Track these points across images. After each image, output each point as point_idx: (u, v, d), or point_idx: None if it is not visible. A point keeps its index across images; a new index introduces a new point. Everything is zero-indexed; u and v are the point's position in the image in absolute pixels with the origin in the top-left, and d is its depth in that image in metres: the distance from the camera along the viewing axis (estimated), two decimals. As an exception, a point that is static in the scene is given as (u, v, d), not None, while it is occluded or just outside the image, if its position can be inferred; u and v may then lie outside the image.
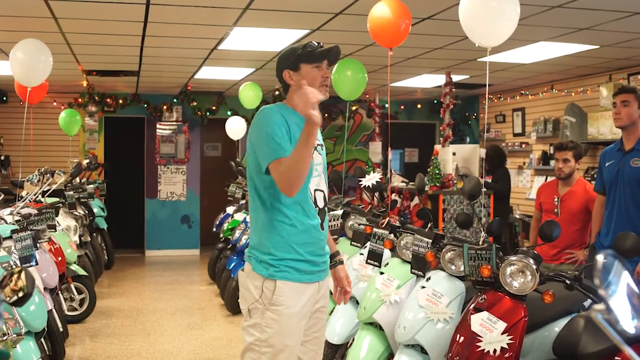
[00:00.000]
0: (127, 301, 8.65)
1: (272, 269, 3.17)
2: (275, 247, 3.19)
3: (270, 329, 3.16)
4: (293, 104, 3.22)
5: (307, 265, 3.24)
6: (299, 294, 3.21)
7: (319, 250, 3.30)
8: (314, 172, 3.26)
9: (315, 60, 3.21)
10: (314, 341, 3.41)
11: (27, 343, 4.15)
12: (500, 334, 3.32)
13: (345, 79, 6.57)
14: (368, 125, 13.29)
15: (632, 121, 4.76)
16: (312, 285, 3.28)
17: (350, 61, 6.77)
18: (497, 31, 4.24)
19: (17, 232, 4.81)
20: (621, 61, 8.40)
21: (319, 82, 3.21)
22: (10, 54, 6.05)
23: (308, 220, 3.23)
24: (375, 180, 5.22)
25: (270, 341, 3.17)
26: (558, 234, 3.77)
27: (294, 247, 3.20)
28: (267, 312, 3.16)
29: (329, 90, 3.30)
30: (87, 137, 12.30)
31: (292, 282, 3.18)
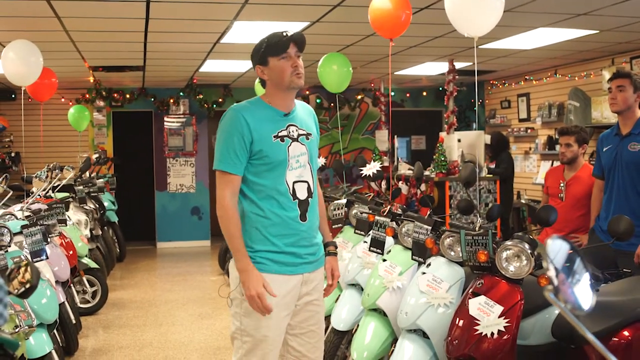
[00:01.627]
0: (139, 293, 8.79)
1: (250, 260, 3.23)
2: (252, 240, 3.24)
3: (248, 319, 3.24)
4: (269, 99, 3.29)
5: (287, 257, 3.26)
6: (279, 284, 3.22)
7: (301, 242, 3.30)
8: (295, 164, 3.26)
9: (280, 52, 3.18)
10: (310, 334, 3.43)
11: (39, 335, 4.27)
12: (497, 317, 3.41)
13: (330, 72, 6.73)
14: (374, 114, 13.35)
15: (628, 106, 4.80)
16: (294, 277, 3.29)
17: (335, 55, 6.95)
18: (482, 21, 4.31)
19: (27, 228, 4.92)
20: (623, 45, 8.42)
21: (290, 72, 3.19)
22: (2, 54, 6.16)
23: (284, 213, 3.24)
24: (376, 169, 5.29)
25: (248, 331, 3.24)
26: (554, 219, 3.84)
27: (270, 239, 3.23)
28: (244, 302, 3.21)
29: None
30: (96, 132, 12.43)
31: (268, 274, 3.21)
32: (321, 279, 3.49)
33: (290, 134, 3.27)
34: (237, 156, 3.17)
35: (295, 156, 3.26)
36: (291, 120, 3.31)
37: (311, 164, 3.35)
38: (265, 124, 3.22)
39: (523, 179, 11.37)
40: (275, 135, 3.22)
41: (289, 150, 3.24)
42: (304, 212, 3.30)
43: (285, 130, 3.26)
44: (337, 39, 7.85)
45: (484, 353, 3.37)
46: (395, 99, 13.56)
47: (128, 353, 6.18)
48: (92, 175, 10.26)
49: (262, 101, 3.31)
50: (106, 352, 6.20)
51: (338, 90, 6.85)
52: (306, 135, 3.35)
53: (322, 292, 3.50)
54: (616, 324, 3.35)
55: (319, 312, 3.47)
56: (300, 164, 3.29)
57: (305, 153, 3.32)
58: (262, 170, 3.22)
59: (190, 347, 6.35)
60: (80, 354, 6.11)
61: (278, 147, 3.22)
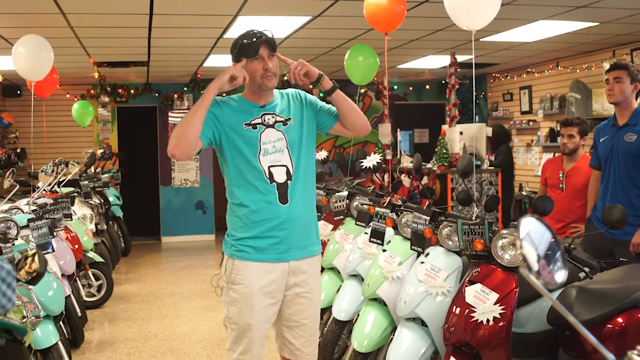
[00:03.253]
0: (144, 286, 8.88)
1: (232, 248, 3.35)
2: (234, 228, 3.36)
3: (233, 306, 3.32)
4: (247, 94, 3.42)
5: (268, 242, 3.29)
6: (260, 273, 3.28)
7: (284, 225, 3.30)
8: (271, 149, 3.31)
9: (252, 54, 3.25)
10: (303, 327, 3.45)
11: (46, 326, 4.35)
12: (492, 304, 3.47)
13: (357, 64, 6.70)
14: (377, 107, 13.41)
15: (625, 97, 4.86)
16: (279, 265, 3.32)
17: (362, 47, 6.90)
18: (480, 14, 4.36)
19: (33, 221, 5.00)
20: (623, 37, 8.46)
21: (260, 73, 3.27)
22: (13, 50, 6.23)
23: (262, 197, 3.28)
24: (376, 161, 5.36)
25: (234, 319, 3.33)
26: (550, 209, 3.91)
27: (250, 226, 3.29)
28: (229, 290, 3.33)
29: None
30: (101, 128, 12.51)
31: (249, 262, 3.28)
32: (316, 272, 3.50)
33: (264, 121, 3.34)
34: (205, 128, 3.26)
35: (270, 142, 3.32)
36: (267, 110, 3.38)
37: (290, 148, 3.37)
38: (239, 114, 3.33)
39: (525, 171, 11.42)
40: (247, 123, 3.32)
41: (261, 136, 3.31)
42: (284, 195, 3.31)
43: (259, 119, 3.35)
44: (340, 33, 7.91)
45: (480, 339, 3.44)
46: (399, 92, 13.61)
47: (133, 345, 6.26)
48: (97, 170, 10.36)
49: (242, 97, 3.43)
50: (112, 344, 6.29)
51: (363, 83, 6.80)
52: (283, 121, 3.39)
53: (318, 287, 3.53)
54: (610, 311, 3.41)
55: (311, 305, 3.46)
56: (277, 148, 3.33)
57: (282, 139, 3.35)
58: (235, 156, 3.31)
59: (194, 338, 6.43)
60: (86, 346, 6.20)
61: (248, 133, 3.30)
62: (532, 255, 1.45)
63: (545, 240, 1.51)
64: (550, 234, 1.53)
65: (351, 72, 6.77)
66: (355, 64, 6.74)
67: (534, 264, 1.44)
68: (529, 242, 1.48)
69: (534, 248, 1.47)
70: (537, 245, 1.48)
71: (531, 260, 1.44)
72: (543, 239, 1.51)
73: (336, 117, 3.54)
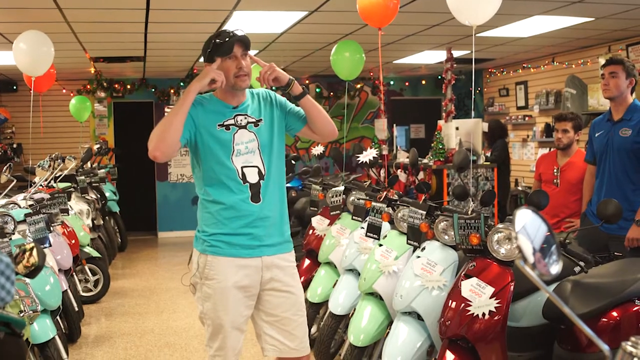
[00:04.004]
0: (140, 281, 8.89)
1: (204, 244, 3.35)
2: (206, 224, 3.37)
3: (207, 302, 3.33)
4: (220, 95, 3.42)
5: (242, 239, 3.31)
6: (234, 268, 3.30)
7: (256, 222, 3.33)
8: (243, 149, 3.34)
9: (226, 52, 3.27)
10: (284, 321, 3.43)
11: (43, 320, 4.37)
12: (488, 298, 3.49)
13: (343, 59, 6.75)
14: (373, 103, 13.42)
15: (620, 92, 4.87)
16: (251, 260, 3.33)
17: (348, 42, 6.95)
18: (481, 9, 4.38)
19: (30, 216, 5.00)
20: (619, 32, 8.48)
21: (233, 72, 3.28)
22: (13, 45, 6.24)
23: (234, 196, 3.31)
24: (372, 156, 5.37)
25: (209, 314, 3.34)
26: (546, 203, 3.92)
27: (223, 222, 3.31)
28: (203, 286, 3.34)
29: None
30: (97, 123, 12.50)
31: (222, 257, 3.30)
32: (290, 266, 3.50)
33: (237, 122, 3.37)
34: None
35: (242, 142, 3.35)
36: (240, 111, 3.41)
37: (261, 149, 3.40)
38: (212, 115, 3.35)
39: (521, 167, 11.45)
40: (220, 124, 3.34)
41: (234, 137, 3.33)
42: (257, 194, 3.34)
43: (232, 120, 3.37)
44: (336, 28, 7.92)
45: (476, 333, 3.46)
46: (395, 87, 13.62)
47: (130, 340, 6.28)
48: (94, 165, 10.35)
49: (214, 97, 3.45)
50: (108, 339, 6.30)
51: (349, 78, 6.89)
52: (255, 122, 3.42)
53: (296, 279, 3.52)
54: (605, 305, 3.43)
55: (291, 298, 3.45)
56: (249, 149, 3.37)
57: (254, 140, 3.39)
58: (209, 156, 3.33)
59: (190, 333, 6.45)
60: (82, 341, 6.22)
61: (222, 134, 3.32)
62: (527, 247, 1.47)
63: (541, 232, 1.53)
64: (546, 226, 1.54)
65: (337, 67, 6.85)
66: (342, 59, 6.82)
67: (529, 256, 1.45)
68: (524, 234, 1.50)
69: (529, 240, 1.48)
70: (533, 237, 1.49)
71: (526, 252, 1.46)
72: (539, 232, 1.52)
73: (304, 120, 3.58)
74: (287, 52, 9.95)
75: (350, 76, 6.84)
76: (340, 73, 6.81)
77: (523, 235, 1.49)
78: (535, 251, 1.48)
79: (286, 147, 3.73)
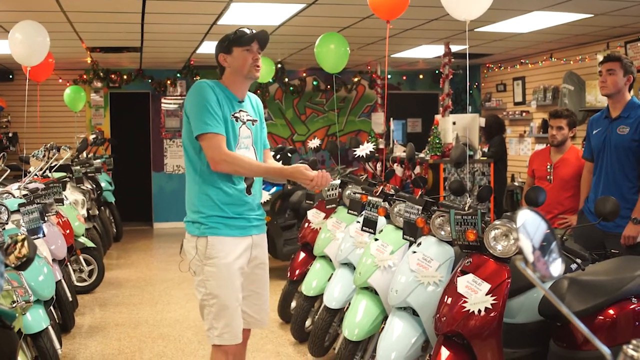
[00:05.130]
0: (135, 272, 8.87)
1: (202, 227, 3.52)
2: (204, 206, 3.54)
3: (212, 280, 3.51)
4: (228, 83, 3.63)
5: (236, 221, 3.56)
6: (233, 246, 3.54)
7: (247, 212, 3.62)
8: (242, 145, 3.59)
9: (245, 44, 3.54)
10: (256, 296, 3.76)
11: (36, 311, 4.34)
12: (484, 295, 3.47)
13: (328, 52, 6.75)
14: (370, 97, 13.39)
15: (618, 89, 4.85)
16: (245, 239, 3.61)
17: (333, 34, 6.95)
18: (474, 4, 4.35)
19: (24, 206, 4.97)
20: (617, 29, 8.46)
21: (250, 63, 3.56)
22: (9, 35, 6.21)
23: (233, 186, 3.55)
24: (369, 150, 5.35)
25: (214, 292, 3.52)
26: (543, 200, 3.91)
27: (221, 207, 3.52)
28: (205, 267, 3.52)
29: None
30: (93, 113, 12.46)
31: (222, 237, 3.51)
32: (265, 246, 3.82)
33: (241, 117, 3.62)
34: (220, 118, 3.48)
35: (242, 137, 3.61)
36: (242, 107, 3.66)
37: (255, 146, 3.70)
38: (226, 103, 3.56)
39: (517, 162, 11.44)
40: (232, 114, 3.57)
41: (240, 131, 3.60)
42: (249, 187, 3.64)
43: (238, 113, 3.61)
44: (334, 20, 7.88)
45: (471, 329, 3.44)
46: (392, 81, 13.59)
47: (124, 330, 6.26)
48: (89, 155, 10.30)
49: (221, 84, 3.64)
50: (102, 330, 6.28)
51: (335, 71, 6.89)
52: (252, 121, 3.69)
53: (267, 256, 3.84)
54: (602, 303, 3.43)
55: (264, 275, 3.81)
56: (246, 145, 3.64)
57: (250, 137, 3.66)
58: None
59: (185, 324, 6.43)
60: (76, 331, 6.20)
61: (234, 125, 3.56)
62: (528, 248, 1.45)
63: (541, 232, 1.51)
64: (546, 225, 1.53)
65: (322, 59, 6.86)
66: (327, 51, 6.83)
67: (529, 256, 1.44)
68: (525, 234, 1.48)
69: (529, 240, 1.47)
70: (533, 237, 1.48)
71: (527, 253, 1.44)
72: (540, 232, 1.50)
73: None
74: (284, 45, 9.91)
75: (335, 69, 6.86)
76: (325, 65, 6.83)
77: (524, 235, 1.47)
78: (535, 251, 1.46)
79: (282, 140, 3.91)
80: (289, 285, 6.06)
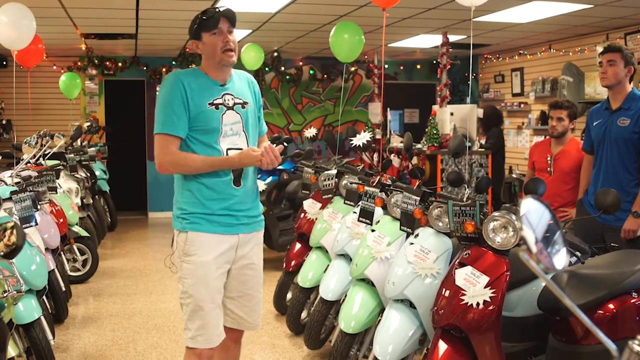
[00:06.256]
0: (129, 262, 8.80)
1: (184, 222, 3.35)
2: (186, 202, 3.36)
3: (188, 279, 3.34)
4: (206, 70, 3.40)
5: (221, 218, 3.35)
6: (214, 243, 3.34)
7: (236, 206, 3.39)
8: (229, 131, 3.36)
9: (212, 27, 3.28)
10: (247, 297, 3.56)
11: (28, 301, 4.27)
12: (483, 287, 3.42)
13: (342, 41, 6.68)
14: (367, 86, 13.31)
15: (619, 80, 4.79)
16: (229, 237, 3.39)
17: (347, 24, 6.87)
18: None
19: (16, 194, 4.90)
20: (617, 20, 8.39)
21: (221, 47, 3.30)
22: None
23: (217, 178, 3.34)
24: (366, 140, 5.29)
25: (189, 291, 3.34)
26: (543, 191, 3.85)
27: (203, 202, 3.33)
28: (183, 263, 3.35)
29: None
30: (88, 101, 12.36)
31: (203, 233, 3.32)
32: (259, 244, 3.59)
33: (225, 102, 3.38)
34: (178, 118, 3.27)
35: (228, 124, 3.37)
36: (227, 90, 3.42)
37: (246, 131, 3.45)
38: (202, 91, 3.33)
39: (515, 154, 11.40)
40: (210, 102, 3.33)
41: (222, 118, 3.34)
42: (238, 177, 3.41)
43: (221, 99, 3.37)
44: (331, 8, 7.80)
45: (470, 323, 3.39)
46: (389, 71, 13.52)
47: (118, 321, 6.21)
48: (84, 143, 10.23)
49: (200, 71, 3.42)
50: (96, 320, 6.23)
51: (348, 60, 6.85)
52: (242, 104, 3.45)
53: (261, 257, 3.61)
54: (602, 297, 3.38)
55: (255, 276, 3.58)
56: (234, 131, 3.39)
57: (239, 122, 3.42)
58: (197, 136, 3.33)
59: (179, 315, 6.37)
60: (70, 321, 6.15)
61: (212, 114, 3.32)
62: (531, 238, 1.39)
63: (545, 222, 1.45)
64: (550, 215, 1.47)
65: (336, 49, 6.79)
66: (341, 41, 6.77)
67: (533, 247, 1.38)
68: (528, 224, 1.42)
69: (533, 230, 1.41)
70: (536, 227, 1.42)
71: (530, 243, 1.38)
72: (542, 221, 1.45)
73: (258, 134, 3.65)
74: (281, 33, 9.82)
75: (348, 58, 6.81)
76: (338, 55, 6.76)
77: (527, 226, 1.41)
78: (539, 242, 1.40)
79: (278, 129, 3.75)
80: (284, 276, 6.00)
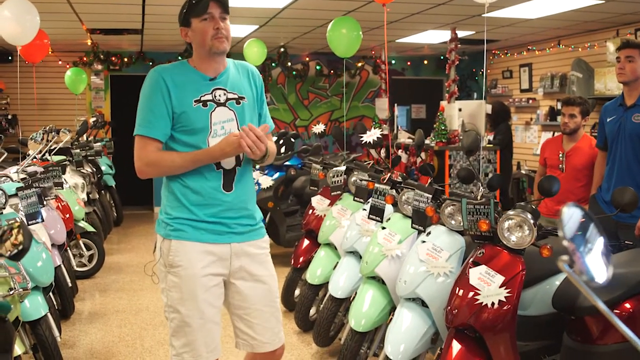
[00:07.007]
0: (135, 257, 8.76)
1: (168, 228, 3.04)
2: (171, 206, 3.07)
3: (173, 292, 3.01)
4: (195, 63, 3.09)
5: (209, 225, 3.02)
6: (201, 253, 3.00)
7: (226, 213, 3.05)
8: (220, 130, 3.02)
9: (201, 13, 2.95)
10: (255, 314, 3.15)
11: (34, 297, 4.23)
12: (498, 287, 3.36)
13: (340, 36, 6.65)
14: (374, 82, 13.26)
15: (636, 77, 4.72)
16: (218, 246, 3.04)
17: (345, 19, 6.85)
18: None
19: (22, 190, 4.85)
20: (628, 16, 8.31)
21: (211, 34, 2.96)
22: None
23: (205, 182, 3.02)
24: (376, 136, 5.23)
25: (175, 306, 3.01)
26: (557, 189, 3.78)
27: (189, 208, 3.01)
28: (168, 275, 3.02)
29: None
30: (94, 96, 12.32)
31: (187, 242, 2.99)
32: (263, 254, 3.21)
33: (215, 98, 3.04)
34: (156, 119, 3.00)
35: (219, 122, 3.03)
36: (218, 84, 3.07)
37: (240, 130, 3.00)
38: (187, 87, 3.01)
39: (523, 150, 11.33)
40: (196, 99, 3.00)
41: (211, 116, 3.01)
42: (229, 182, 3.06)
43: (210, 95, 3.03)
44: (338, 4, 7.73)
45: (484, 323, 3.33)
46: (396, 67, 13.46)
47: (124, 317, 6.17)
48: (90, 139, 10.19)
49: (188, 64, 3.09)
50: (102, 316, 6.19)
51: (346, 55, 6.81)
52: (236, 99, 3.10)
53: (268, 267, 3.22)
54: (618, 296, 3.32)
55: (260, 288, 3.17)
56: (226, 130, 3.03)
57: (233, 119, 3.06)
58: (182, 136, 3.02)
59: (186, 312, 6.33)
60: (76, 317, 6.11)
61: (199, 112, 3.00)
62: (573, 249, 1.33)
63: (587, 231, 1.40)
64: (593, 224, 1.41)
65: (334, 44, 6.75)
66: (339, 36, 6.74)
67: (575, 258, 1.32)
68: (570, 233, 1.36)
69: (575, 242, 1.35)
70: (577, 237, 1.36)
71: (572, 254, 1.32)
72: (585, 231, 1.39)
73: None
74: (287, 29, 9.77)
75: (347, 53, 6.77)
76: (337, 50, 6.72)
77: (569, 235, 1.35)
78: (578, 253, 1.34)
79: (285, 125, 3.54)
80: (292, 272, 5.95)
